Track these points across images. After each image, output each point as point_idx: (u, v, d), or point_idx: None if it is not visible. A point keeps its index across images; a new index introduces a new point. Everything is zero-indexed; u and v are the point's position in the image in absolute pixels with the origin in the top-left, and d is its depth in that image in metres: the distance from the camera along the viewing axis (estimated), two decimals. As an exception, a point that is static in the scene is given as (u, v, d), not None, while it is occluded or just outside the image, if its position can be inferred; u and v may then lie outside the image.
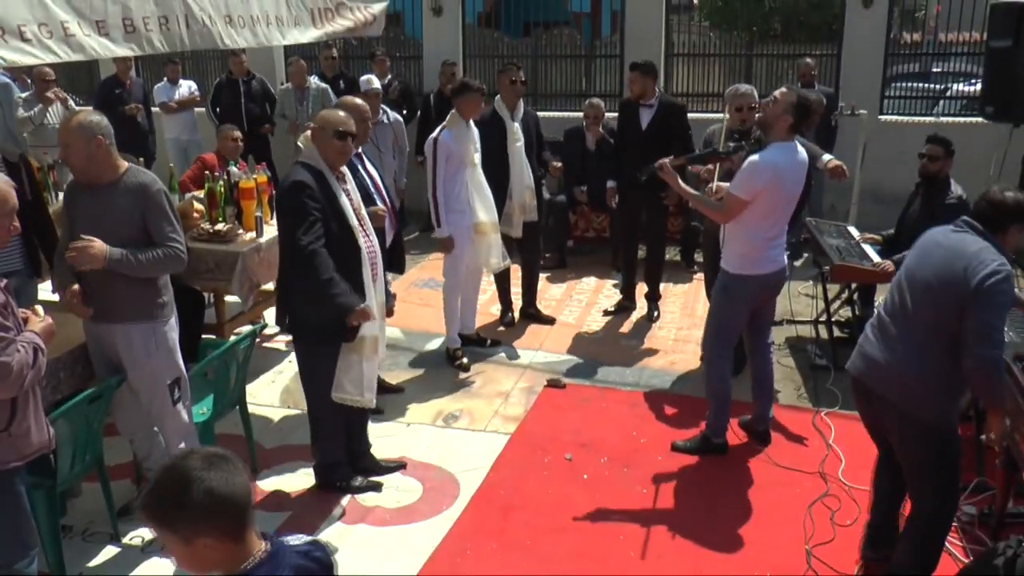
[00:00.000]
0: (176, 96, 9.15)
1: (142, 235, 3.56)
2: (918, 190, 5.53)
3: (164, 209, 3.57)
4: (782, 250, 4.45)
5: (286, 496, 4.24)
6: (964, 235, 3.11)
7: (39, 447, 2.94)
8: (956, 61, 9.58)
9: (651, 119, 6.17)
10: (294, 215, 3.73)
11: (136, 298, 3.60)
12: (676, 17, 10.08)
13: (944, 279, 3.06)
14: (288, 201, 3.76)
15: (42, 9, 3.92)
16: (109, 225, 3.50)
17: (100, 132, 3.46)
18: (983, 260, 2.99)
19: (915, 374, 3.14)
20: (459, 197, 5.49)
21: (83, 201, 3.58)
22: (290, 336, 4.54)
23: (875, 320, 3.38)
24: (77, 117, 3.51)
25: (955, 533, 3.84)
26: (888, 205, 7.21)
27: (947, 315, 3.04)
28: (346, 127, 3.85)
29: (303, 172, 3.79)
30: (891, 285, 3.35)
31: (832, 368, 5.51)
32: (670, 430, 4.88)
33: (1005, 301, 2.99)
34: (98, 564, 3.72)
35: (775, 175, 4.16)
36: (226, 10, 4.93)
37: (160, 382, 3.70)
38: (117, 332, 3.62)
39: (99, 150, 3.45)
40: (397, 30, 10.83)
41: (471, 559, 3.76)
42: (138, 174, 3.58)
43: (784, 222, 4.41)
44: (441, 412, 5.05)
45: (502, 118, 5.85)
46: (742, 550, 3.80)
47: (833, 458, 4.50)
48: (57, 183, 6.04)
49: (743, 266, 4.35)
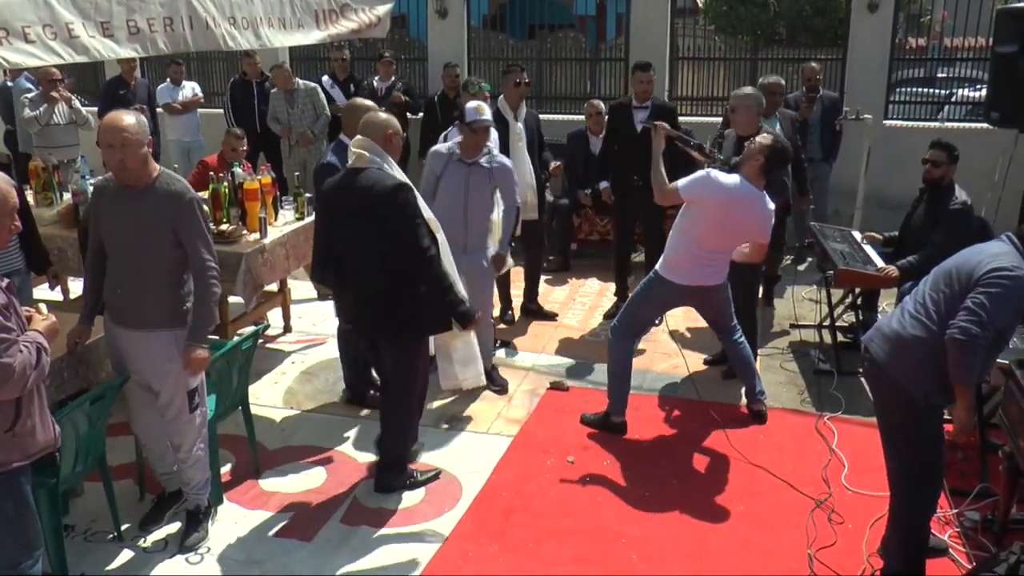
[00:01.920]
0: (180, 97, 9.17)
1: (172, 244, 3.49)
2: (922, 195, 5.53)
3: (199, 224, 3.51)
4: (712, 272, 4.61)
5: (289, 497, 4.24)
6: (1001, 243, 3.23)
7: (45, 446, 2.93)
8: (961, 66, 9.56)
9: (646, 119, 6.24)
10: (412, 219, 3.82)
11: (164, 305, 3.55)
12: (681, 21, 10.07)
13: (962, 268, 3.21)
14: (404, 205, 3.79)
15: (47, 10, 3.94)
16: (138, 230, 3.46)
17: (149, 135, 3.46)
18: (1001, 258, 3.12)
19: (911, 346, 3.25)
20: None
21: (112, 204, 3.52)
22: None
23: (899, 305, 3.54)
24: (131, 117, 3.41)
25: (958, 539, 3.84)
26: (892, 210, 7.20)
27: (952, 300, 3.16)
28: (396, 125, 4.02)
29: (392, 175, 3.84)
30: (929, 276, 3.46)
31: (835, 373, 5.50)
32: (673, 433, 4.87)
33: (1007, 295, 3.06)
34: (100, 564, 3.72)
35: (721, 195, 4.39)
36: (230, 12, 4.95)
37: (181, 389, 3.65)
38: (142, 339, 3.56)
39: (147, 153, 3.43)
40: (402, 32, 10.85)
41: (473, 561, 3.75)
42: (171, 181, 3.51)
43: (720, 255, 4.59)
44: (444, 414, 5.05)
45: (505, 118, 5.93)
46: (744, 554, 3.79)
47: (836, 463, 4.49)
48: (62, 183, 6.05)
49: (666, 269, 4.64)
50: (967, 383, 3.16)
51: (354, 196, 3.83)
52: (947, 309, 3.17)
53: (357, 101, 4.81)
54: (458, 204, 4.92)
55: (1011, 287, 3.05)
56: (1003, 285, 3.05)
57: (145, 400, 3.73)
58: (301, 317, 6.51)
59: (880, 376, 3.39)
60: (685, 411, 5.13)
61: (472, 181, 4.93)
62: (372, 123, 3.96)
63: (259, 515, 4.09)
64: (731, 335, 4.95)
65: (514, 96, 6.00)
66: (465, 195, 4.93)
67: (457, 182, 4.93)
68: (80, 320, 3.72)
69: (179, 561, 3.74)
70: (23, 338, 2.72)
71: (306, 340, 6.19)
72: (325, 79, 8.87)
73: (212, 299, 3.57)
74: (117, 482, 3.96)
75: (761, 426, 4.92)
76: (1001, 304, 3.05)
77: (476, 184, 4.95)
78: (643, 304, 4.80)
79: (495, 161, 5.02)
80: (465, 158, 4.92)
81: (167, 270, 3.52)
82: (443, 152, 5.01)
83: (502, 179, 5.04)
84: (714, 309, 4.86)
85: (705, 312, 4.96)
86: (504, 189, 5.08)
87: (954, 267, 3.25)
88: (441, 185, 4.96)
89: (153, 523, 3.96)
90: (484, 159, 4.95)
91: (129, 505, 4.06)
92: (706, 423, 4.94)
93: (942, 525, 3.91)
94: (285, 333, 6.34)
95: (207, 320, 3.59)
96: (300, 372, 5.68)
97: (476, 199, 4.97)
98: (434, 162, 5.03)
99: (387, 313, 3.94)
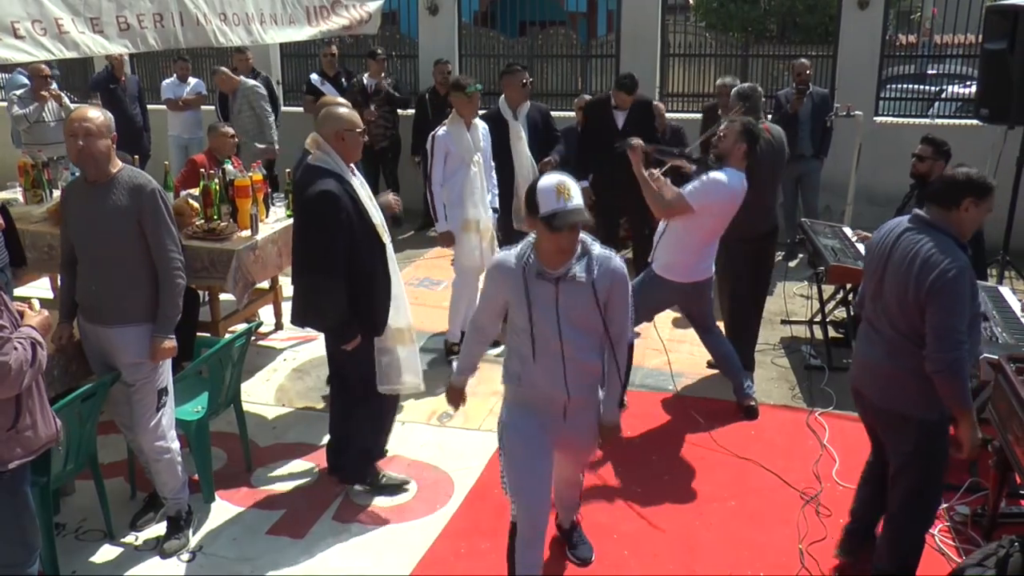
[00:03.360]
0: (184, 94, 9.14)
1: (136, 239, 3.51)
2: (912, 191, 5.54)
3: (162, 215, 3.54)
4: (707, 266, 4.68)
5: (280, 494, 4.23)
6: (917, 236, 3.10)
7: (47, 441, 2.91)
8: (951, 63, 9.61)
9: (626, 118, 6.35)
10: (325, 230, 3.68)
11: (136, 300, 3.57)
12: (672, 17, 10.08)
13: (902, 284, 3.08)
14: (321, 215, 3.68)
15: (36, 6, 3.91)
16: (102, 226, 3.49)
17: (114, 130, 3.50)
18: (933, 262, 2.99)
19: (891, 371, 3.18)
20: (459, 195, 5.52)
21: (79, 201, 3.57)
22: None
23: (863, 324, 3.41)
24: (96, 112, 3.49)
25: (948, 533, 3.86)
26: (883, 206, 7.24)
27: (910, 318, 3.07)
28: (359, 123, 3.89)
29: (327, 179, 3.71)
30: (863, 286, 3.38)
31: (827, 369, 5.52)
32: (665, 430, 4.88)
33: (958, 299, 2.97)
34: (91, 562, 3.71)
35: (731, 198, 4.47)
36: (221, 8, 4.93)
37: (152, 385, 3.67)
38: (114, 334, 3.59)
39: (111, 148, 3.47)
40: (393, 29, 10.81)
41: (465, 558, 3.75)
42: (133, 175, 3.55)
43: (715, 245, 4.69)
44: (435, 411, 5.05)
45: (504, 117, 5.98)
46: (736, 549, 3.81)
47: (827, 458, 4.51)
48: (51, 180, 6.02)
49: (668, 271, 4.63)
50: (967, 407, 3.05)
51: (297, 192, 3.88)
52: (908, 324, 3.08)
53: (327, 99, 4.70)
54: (548, 345, 3.03)
55: (957, 288, 2.95)
56: (951, 290, 2.94)
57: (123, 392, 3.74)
58: (292, 314, 6.50)
59: (883, 413, 3.29)
60: (676, 407, 5.14)
61: (565, 303, 2.99)
62: (327, 119, 3.86)
63: (251, 513, 4.08)
64: (713, 332, 4.98)
65: (519, 96, 6.03)
66: (557, 330, 3.00)
67: (544, 312, 3.00)
68: (60, 319, 3.72)
69: (171, 559, 3.73)
70: (17, 335, 2.69)
71: (297, 337, 6.17)
72: (314, 76, 8.84)
73: (176, 290, 3.61)
74: (108, 480, 3.96)
75: (752, 422, 4.94)
76: (960, 307, 2.96)
77: (571, 307, 2.99)
78: (639, 307, 4.60)
79: (597, 264, 3.00)
80: (549, 269, 2.99)
81: (136, 265, 3.54)
82: (510, 265, 3.04)
83: (614, 291, 3.04)
84: (701, 305, 4.86)
85: (692, 309, 4.96)
86: (616, 308, 3.06)
87: (895, 283, 3.11)
88: (513, 314, 3.11)
89: (144, 521, 3.95)
90: (579, 267, 2.98)
91: (120, 503, 4.05)
92: (697, 419, 4.96)
93: (932, 520, 3.94)
94: (276, 330, 6.33)
95: (172, 312, 3.62)
96: (291, 369, 5.67)
97: (572, 335, 3.02)
98: (498, 280, 3.09)
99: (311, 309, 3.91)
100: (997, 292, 4.75)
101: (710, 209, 4.46)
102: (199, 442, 4.07)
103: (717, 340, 5.00)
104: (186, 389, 4.23)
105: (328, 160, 3.79)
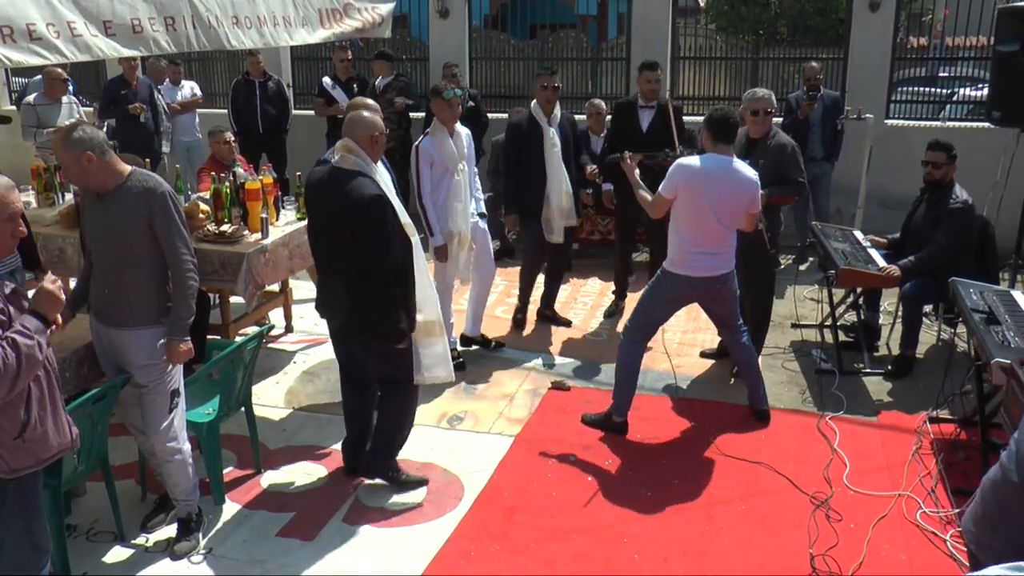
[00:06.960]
0: (178, 98, 9.17)
1: (148, 242, 3.50)
2: (923, 195, 5.53)
3: (173, 217, 3.52)
4: (716, 259, 4.61)
5: (290, 496, 4.24)
6: None
7: (60, 449, 2.88)
8: (963, 66, 9.56)
9: (652, 119, 6.22)
10: (384, 232, 3.79)
11: (149, 303, 3.57)
12: (683, 20, 10.07)
13: None
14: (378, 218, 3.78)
15: (49, 9, 3.93)
16: (115, 232, 3.48)
17: (88, 147, 3.34)
18: None
19: None
20: (443, 204, 5.41)
21: (92, 209, 3.56)
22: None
23: None
24: (64, 134, 3.42)
25: (960, 538, 3.83)
26: (894, 209, 7.22)
27: None
28: (382, 126, 3.99)
29: (368, 182, 3.80)
30: None
31: (837, 373, 5.50)
32: (674, 433, 4.88)
33: None
34: (102, 564, 3.72)
35: (689, 175, 4.49)
36: (233, 11, 4.95)
37: (165, 387, 3.67)
38: (126, 336, 3.59)
39: (90, 164, 3.36)
40: (403, 32, 10.85)
41: (475, 561, 3.75)
42: (144, 178, 3.52)
43: (716, 236, 4.56)
44: (445, 414, 5.06)
45: (539, 123, 5.85)
46: (746, 553, 3.80)
47: (838, 462, 4.49)
48: (63, 184, 6.07)
49: (672, 264, 4.67)
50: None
51: (332, 197, 3.85)
52: None
53: (357, 100, 4.76)
54: None
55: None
56: None
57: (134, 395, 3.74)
58: (303, 317, 6.51)
59: None
60: (686, 411, 5.13)
61: None
62: (358, 124, 3.91)
63: (261, 515, 4.09)
64: (737, 335, 4.92)
65: (544, 100, 5.85)
66: None
67: None
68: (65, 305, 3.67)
69: (181, 561, 3.74)
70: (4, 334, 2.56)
71: (308, 340, 6.19)
72: (326, 80, 8.87)
73: (190, 293, 3.60)
74: (119, 482, 3.97)
75: (762, 426, 4.92)
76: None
77: None
78: (654, 303, 4.77)
79: None
80: None
81: (148, 267, 3.54)
82: None
83: None
84: (722, 305, 4.82)
85: (713, 309, 4.92)
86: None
87: None
88: None
89: (155, 523, 3.97)
90: None
91: (131, 505, 4.07)
92: (707, 423, 4.95)
93: (943, 524, 3.92)
94: (287, 333, 6.35)
95: (186, 314, 3.62)
96: (302, 372, 5.68)
97: None
98: None
99: (354, 313, 3.95)
100: (1009, 296, 4.71)
101: (682, 192, 4.49)
102: (210, 444, 4.08)
103: (739, 344, 4.93)
104: (198, 391, 4.25)
105: (362, 164, 3.85)
